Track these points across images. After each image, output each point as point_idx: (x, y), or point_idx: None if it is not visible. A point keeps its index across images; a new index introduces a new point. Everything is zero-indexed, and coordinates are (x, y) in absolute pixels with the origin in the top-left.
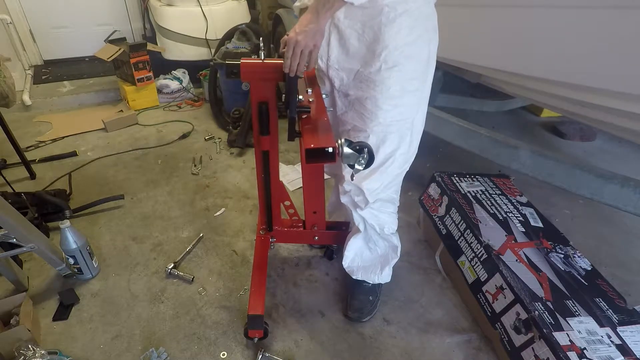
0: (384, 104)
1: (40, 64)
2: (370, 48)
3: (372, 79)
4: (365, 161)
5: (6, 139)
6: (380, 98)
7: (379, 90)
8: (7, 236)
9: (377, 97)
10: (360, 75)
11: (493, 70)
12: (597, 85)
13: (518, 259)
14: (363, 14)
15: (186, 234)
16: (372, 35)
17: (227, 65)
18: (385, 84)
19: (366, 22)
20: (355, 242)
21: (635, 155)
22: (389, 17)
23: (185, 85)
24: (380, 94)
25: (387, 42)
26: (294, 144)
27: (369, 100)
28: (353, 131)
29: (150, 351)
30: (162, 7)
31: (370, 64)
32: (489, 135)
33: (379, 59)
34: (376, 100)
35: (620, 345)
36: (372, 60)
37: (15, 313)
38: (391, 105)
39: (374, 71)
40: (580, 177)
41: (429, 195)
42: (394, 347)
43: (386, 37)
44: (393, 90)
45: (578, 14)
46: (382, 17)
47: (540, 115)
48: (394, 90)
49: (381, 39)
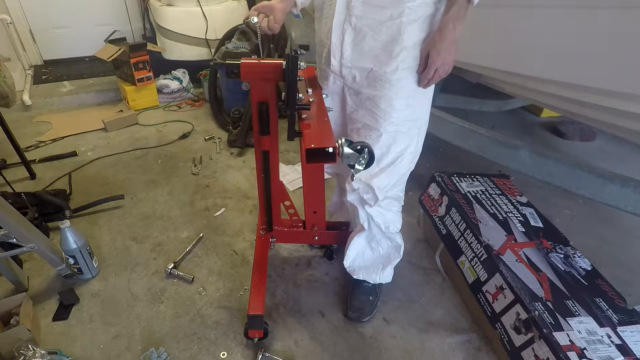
0: (398, 103)
1: (40, 64)
2: (386, 48)
3: (388, 78)
4: (366, 161)
5: (6, 139)
6: (394, 97)
7: (394, 90)
8: (7, 236)
9: (392, 97)
10: (374, 74)
11: (493, 70)
12: (597, 85)
13: (518, 259)
14: (382, 14)
15: (186, 234)
16: (389, 35)
17: (227, 65)
18: (401, 83)
19: (384, 22)
20: (357, 242)
21: (635, 155)
22: (410, 18)
23: (185, 85)
24: (395, 94)
25: (405, 42)
26: (294, 144)
27: (383, 100)
28: (364, 129)
29: (150, 351)
30: (162, 7)
31: (385, 64)
32: (489, 135)
33: (396, 60)
34: (390, 99)
35: (620, 345)
36: (388, 60)
37: (15, 313)
38: (405, 105)
39: (390, 71)
40: (580, 177)
41: (429, 195)
42: (394, 347)
43: (405, 38)
44: (408, 90)
45: (578, 14)
46: (403, 18)
47: (540, 115)
48: (408, 90)
49: (400, 39)
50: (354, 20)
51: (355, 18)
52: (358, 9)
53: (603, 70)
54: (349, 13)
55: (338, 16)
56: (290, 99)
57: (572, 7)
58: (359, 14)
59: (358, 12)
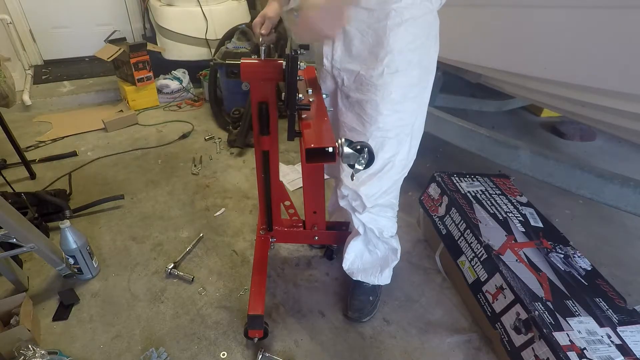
0: (384, 108)
1: (40, 64)
2: (373, 51)
3: (374, 83)
4: (366, 161)
5: (6, 139)
6: (380, 103)
7: (380, 95)
8: (7, 236)
9: (378, 102)
10: (361, 78)
11: (493, 70)
12: (597, 85)
13: (518, 259)
14: (369, 16)
15: (186, 234)
16: (375, 38)
17: (227, 65)
18: (387, 88)
19: (371, 24)
20: (355, 245)
21: (635, 155)
22: (395, 21)
23: (185, 85)
24: (381, 99)
25: (391, 46)
26: (294, 144)
27: (369, 104)
28: (350, 134)
29: (150, 351)
30: (162, 7)
31: (372, 68)
32: (489, 135)
33: (381, 64)
34: (377, 104)
35: (620, 345)
36: (374, 64)
37: (15, 313)
38: (391, 111)
39: (376, 75)
40: (580, 177)
41: (429, 195)
42: (394, 347)
43: (391, 42)
44: (394, 96)
45: (578, 14)
46: (389, 21)
47: (540, 115)
48: (395, 96)
49: (385, 43)
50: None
51: (346, 19)
52: (349, 9)
53: (603, 70)
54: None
55: None
56: (290, 99)
57: (572, 7)
58: (350, 14)
59: (349, 13)
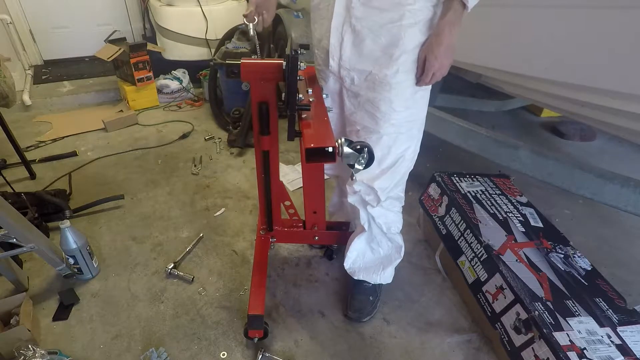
0: (398, 106)
1: (40, 64)
2: (387, 51)
3: (388, 81)
4: (365, 161)
5: (6, 139)
6: (395, 100)
7: (395, 93)
8: (7, 236)
9: (392, 99)
10: (373, 77)
11: (493, 70)
12: (597, 85)
13: (518, 259)
14: (382, 17)
15: (186, 234)
16: (389, 38)
17: (227, 65)
18: (401, 86)
19: (384, 24)
20: (358, 243)
21: (635, 155)
22: (410, 22)
23: (185, 85)
24: (395, 97)
25: (406, 46)
26: (294, 144)
27: (383, 102)
28: (363, 131)
29: (150, 351)
30: (162, 7)
31: (385, 67)
32: (489, 135)
33: (396, 63)
34: (391, 102)
35: (620, 345)
36: (389, 63)
37: (15, 313)
38: (404, 107)
39: (391, 74)
40: (580, 177)
41: (429, 195)
42: (394, 347)
43: (406, 42)
44: (408, 93)
45: (578, 14)
46: (404, 21)
47: (540, 115)
48: (408, 93)
49: (400, 43)
50: (354, 22)
51: (355, 20)
52: (358, 10)
53: (603, 70)
54: (349, 15)
55: (337, 17)
56: (290, 99)
57: (572, 7)
58: (359, 15)
59: (358, 14)
